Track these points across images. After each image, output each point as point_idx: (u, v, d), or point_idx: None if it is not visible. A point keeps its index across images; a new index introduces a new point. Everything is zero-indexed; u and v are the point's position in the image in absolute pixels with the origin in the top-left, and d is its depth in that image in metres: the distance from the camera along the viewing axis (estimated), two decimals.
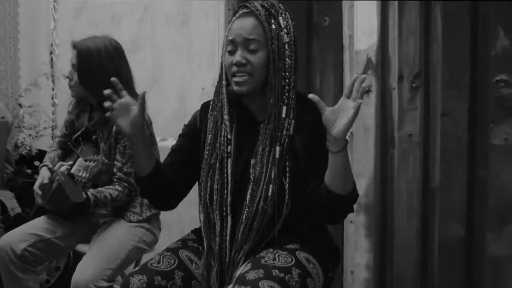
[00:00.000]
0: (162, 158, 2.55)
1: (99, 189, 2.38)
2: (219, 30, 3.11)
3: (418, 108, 2.56)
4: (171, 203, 1.92)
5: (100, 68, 2.43)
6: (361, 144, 2.70)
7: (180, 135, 1.98)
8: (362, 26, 2.66)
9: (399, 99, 2.60)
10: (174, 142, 2.02)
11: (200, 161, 1.87)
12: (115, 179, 2.42)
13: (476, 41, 2.42)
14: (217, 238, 1.79)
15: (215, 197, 1.80)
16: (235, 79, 1.78)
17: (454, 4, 2.44)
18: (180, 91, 3.49)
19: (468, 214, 2.48)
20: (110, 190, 2.38)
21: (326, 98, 2.84)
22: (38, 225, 2.54)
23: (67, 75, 2.53)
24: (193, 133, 1.93)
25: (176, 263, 1.80)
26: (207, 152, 1.84)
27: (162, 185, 1.82)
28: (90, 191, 2.31)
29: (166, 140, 3.31)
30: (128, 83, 2.46)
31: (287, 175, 1.76)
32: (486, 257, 2.42)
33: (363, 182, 2.69)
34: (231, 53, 1.78)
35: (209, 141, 1.84)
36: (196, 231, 1.95)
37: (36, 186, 2.48)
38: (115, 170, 2.43)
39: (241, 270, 1.74)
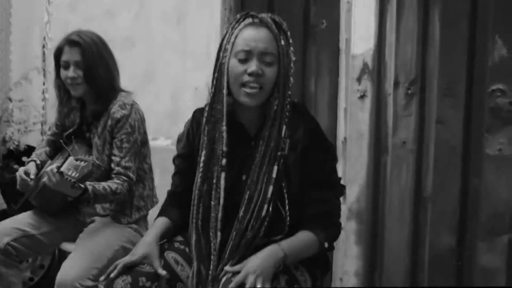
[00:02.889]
0: (153, 158, 2.54)
1: (96, 182, 2.33)
2: (215, 29, 3.08)
3: (413, 114, 2.55)
4: None
5: (104, 63, 2.41)
6: (354, 149, 2.68)
7: (180, 155, 1.94)
8: (359, 30, 2.64)
9: (394, 105, 2.58)
10: (165, 142, 1.99)
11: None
12: (113, 174, 2.37)
13: (474, 49, 2.42)
14: (211, 259, 1.75)
15: (213, 214, 1.76)
16: (246, 89, 1.71)
17: (453, 11, 2.43)
18: (173, 89, 3.47)
19: (459, 224, 2.47)
20: (109, 183, 2.33)
21: (321, 101, 2.82)
22: (23, 220, 2.50)
23: (73, 75, 2.40)
24: (187, 151, 1.89)
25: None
26: (201, 169, 1.79)
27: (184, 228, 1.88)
28: (87, 183, 2.26)
29: (157, 139, 3.28)
30: (117, 75, 2.47)
31: (285, 196, 1.74)
32: (477, 267, 2.41)
33: (355, 188, 2.67)
34: (243, 61, 1.72)
35: (203, 158, 1.79)
36: (183, 233, 1.91)
37: (20, 172, 2.43)
38: (112, 165, 2.38)
39: (228, 275, 1.70)
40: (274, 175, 1.72)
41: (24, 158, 3.60)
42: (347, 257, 2.71)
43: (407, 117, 2.56)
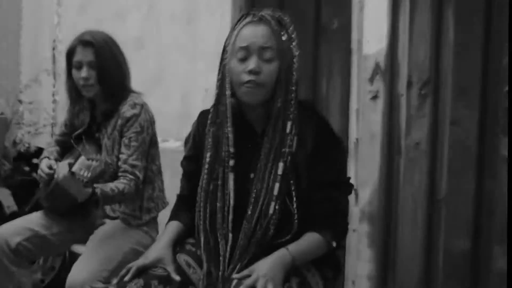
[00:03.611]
0: (163, 160, 2.53)
1: (103, 184, 2.32)
2: (226, 30, 3.06)
3: (426, 116, 2.52)
4: None
5: (116, 63, 2.41)
6: (366, 151, 2.65)
7: (186, 157, 1.93)
8: (371, 30, 2.62)
9: (407, 106, 2.55)
10: (175, 144, 1.97)
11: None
12: (120, 173, 2.36)
13: (488, 48, 2.38)
14: (220, 260, 1.74)
15: (219, 215, 1.75)
16: (245, 89, 1.70)
17: (467, 10, 2.39)
18: (183, 91, 3.45)
19: (474, 227, 2.43)
20: (116, 183, 2.32)
21: (333, 102, 2.80)
22: (34, 220, 2.51)
23: (85, 75, 2.38)
24: (196, 152, 1.87)
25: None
26: (206, 171, 1.78)
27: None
28: (95, 185, 2.25)
29: (167, 141, 3.26)
30: (129, 75, 2.47)
31: (293, 194, 1.71)
32: (493, 271, 2.37)
33: (367, 190, 2.65)
34: (243, 60, 1.70)
35: (208, 159, 1.78)
36: (194, 235, 1.89)
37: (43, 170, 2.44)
38: (120, 163, 2.37)
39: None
40: (280, 172, 1.70)
41: (35, 160, 3.60)
42: (360, 260, 2.68)
43: (421, 118, 2.53)
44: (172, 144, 3.29)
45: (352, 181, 1.84)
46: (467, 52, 2.40)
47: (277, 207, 1.69)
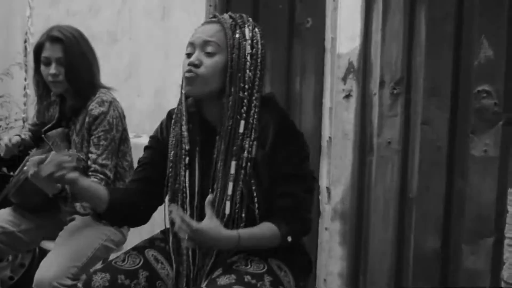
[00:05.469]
0: (134, 155, 2.50)
1: None
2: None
3: (398, 115, 2.53)
4: (141, 221, 1.90)
5: (85, 60, 2.39)
6: (339, 149, 2.67)
7: (145, 147, 1.92)
8: (345, 29, 2.62)
9: (379, 105, 2.57)
10: (148, 139, 1.96)
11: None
12: (90, 172, 2.34)
13: (460, 49, 2.39)
14: (184, 259, 1.75)
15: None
16: (184, 81, 1.72)
17: (439, 11, 2.41)
18: (156, 86, 3.43)
19: (444, 226, 2.45)
20: None
21: (306, 100, 2.80)
22: (2, 217, 2.48)
23: (54, 72, 2.36)
24: (157, 146, 1.87)
25: (141, 263, 1.76)
26: (170, 169, 1.79)
27: (124, 214, 1.83)
28: None
29: (140, 137, 3.24)
30: (98, 72, 2.45)
31: (254, 194, 1.70)
32: (461, 269, 2.39)
33: (340, 189, 2.66)
34: (189, 56, 1.73)
35: (171, 158, 1.79)
36: (164, 231, 1.90)
37: (5, 140, 2.47)
38: (89, 162, 2.36)
39: (211, 275, 1.70)
40: (232, 171, 1.69)
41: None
42: (331, 258, 2.70)
43: (392, 118, 2.54)
44: (144, 139, 3.26)
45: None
46: (439, 52, 2.42)
47: (236, 207, 1.69)
